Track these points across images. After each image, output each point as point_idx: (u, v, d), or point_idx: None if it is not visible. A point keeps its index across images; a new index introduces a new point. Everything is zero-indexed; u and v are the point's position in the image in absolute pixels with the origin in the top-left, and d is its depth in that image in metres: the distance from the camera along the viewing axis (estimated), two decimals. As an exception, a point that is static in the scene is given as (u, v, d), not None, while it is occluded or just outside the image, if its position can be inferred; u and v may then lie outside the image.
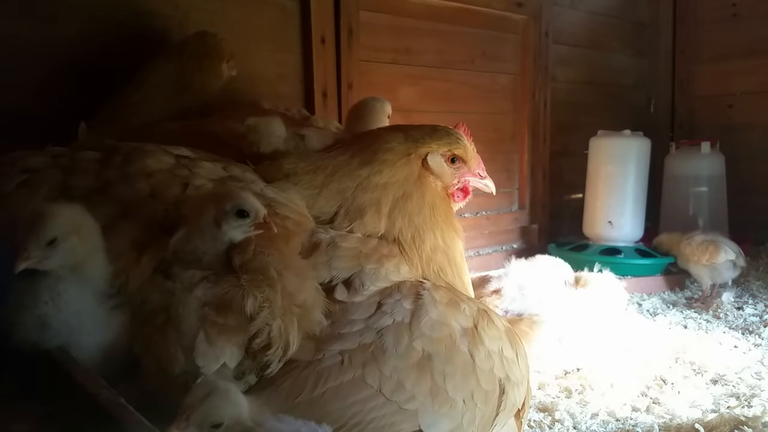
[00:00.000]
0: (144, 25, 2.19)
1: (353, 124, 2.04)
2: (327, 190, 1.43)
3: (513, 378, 1.32)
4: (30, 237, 1.03)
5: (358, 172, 1.45)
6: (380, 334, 1.20)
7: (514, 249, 3.64)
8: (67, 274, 1.07)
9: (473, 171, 1.57)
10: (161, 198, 1.27)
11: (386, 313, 1.24)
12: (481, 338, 1.29)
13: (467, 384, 1.23)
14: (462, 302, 1.34)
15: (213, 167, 1.39)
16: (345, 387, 1.13)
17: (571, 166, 3.91)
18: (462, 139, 1.54)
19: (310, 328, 1.17)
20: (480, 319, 1.33)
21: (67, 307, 1.06)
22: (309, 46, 2.63)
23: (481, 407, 1.25)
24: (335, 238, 1.34)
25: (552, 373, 2.08)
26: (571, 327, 2.11)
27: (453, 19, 3.24)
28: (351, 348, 1.18)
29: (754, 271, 3.39)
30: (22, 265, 1.01)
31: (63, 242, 1.05)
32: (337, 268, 1.30)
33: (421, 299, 1.28)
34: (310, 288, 1.19)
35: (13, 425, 0.96)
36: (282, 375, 1.11)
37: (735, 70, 4.21)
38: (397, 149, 1.48)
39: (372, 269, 1.32)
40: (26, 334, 1.03)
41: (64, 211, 1.08)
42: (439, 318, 1.26)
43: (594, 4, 4.09)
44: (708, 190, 3.74)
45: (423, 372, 1.19)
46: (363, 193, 1.43)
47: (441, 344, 1.23)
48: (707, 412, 1.81)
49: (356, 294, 1.27)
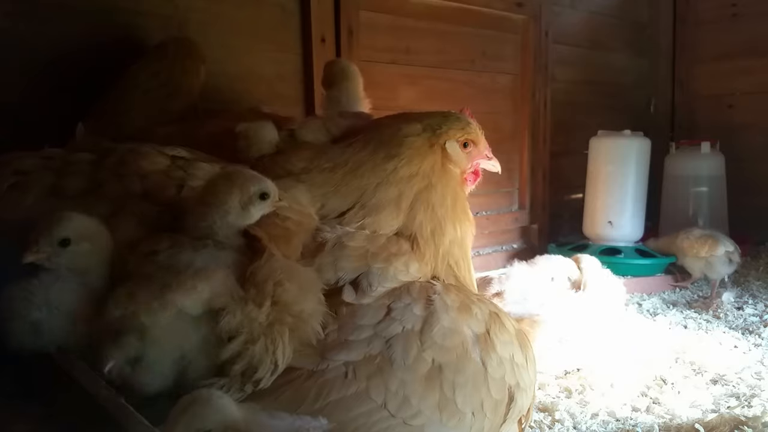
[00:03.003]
0: (143, 25, 2.19)
1: (334, 90, 2.01)
2: (346, 187, 1.40)
3: (522, 384, 1.29)
4: (44, 233, 1.06)
5: (384, 167, 1.41)
6: (389, 344, 1.16)
7: (514, 249, 3.63)
8: (69, 277, 1.09)
9: (482, 153, 1.57)
10: (155, 199, 1.27)
11: (396, 320, 1.20)
12: (494, 344, 1.25)
13: (478, 394, 1.20)
14: (474, 305, 1.30)
15: (210, 168, 1.37)
16: (347, 400, 1.09)
17: (571, 166, 3.91)
18: (472, 122, 1.54)
19: (306, 338, 1.13)
20: (492, 324, 1.29)
21: (61, 311, 1.06)
22: (309, 46, 2.62)
23: (490, 417, 1.21)
24: (341, 237, 1.31)
25: (552, 373, 2.08)
26: (571, 327, 2.11)
27: (453, 19, 3.24)
28: (357, 359, 1.13)
29: (754, 271, 3.38)
30: (30, 258, 1.05)
31: (74, 245, 1.09)
32: (344, 269, 1.27)
33: (432, 305, 1.24)
34: (311, 299, 1.16)
35: (13, 425, 0.96)
36: (282, 384, 1.08)
37: (735, 70, 4.21)
38: (419, 140, 1.45)
39: (380, 269, 1.29)
40: (21, 340, 1.04)
41: (82, 217, 1.13)
42: (451, 325, 1.22)
43: (594, 4, 4.08)
44: (708, 190, 3.74)
45: (431, 385, 1.15)
46: (386, 188, 1.40)
47: (452, 353, 1.19)
48: (707, 412, 1.81)
49: (364, 295, 1.24)
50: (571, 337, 2.09)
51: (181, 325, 1.03)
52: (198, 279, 1.04)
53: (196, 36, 2.19)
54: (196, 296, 1.03)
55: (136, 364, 1.00)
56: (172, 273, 1.07)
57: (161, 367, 1.01)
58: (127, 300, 1.02)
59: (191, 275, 1.05)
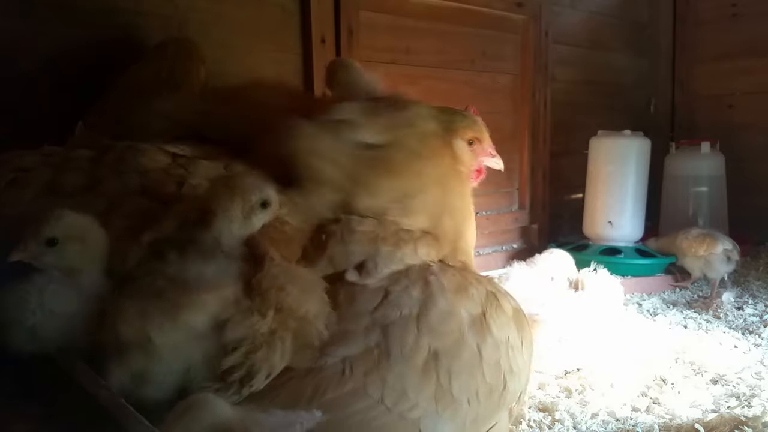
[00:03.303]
0: (143, 25, 2.19)
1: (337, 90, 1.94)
2: (377, 188, 1.36)
3: (515, 369, 1.30)
4: (32, 232, 1.05)
5: (411, 166, 1.40)
6: (386, 333, 1.16)
7: (514, 249, 3.63)
8: (62, 278, 1.08)
9: (486, 150, 1.57)
10: (155, 196, 1.27)
11: (393, 304, 1.20)
12: (489, 327, 1.25)
13: (473, 381, 1.20)
14: (471, 285, 1.30)
15: (212, 165, 1.37)
16: (344, 398, 1.09)
17: (571, 166, 3.90)
18: (478, 120, 1.55)
19: (309, 340, 1.12)
20: (489, 305, 1.29)
21: (57, 312, 1.05)
22: (309, 47, 2.62)
23: (484, 403, 1.22)
24: (350, 223, 1.30)
25: (552, 373, 2.08)
26: (571, 327, 2.11)
27: (453, 19, 3.24)
28: (354, 353, 1.13)
29: (754, 271, 3.38)
30: (17, 257, 1.03)
31: (62, 244, 1.07)
32: (354, 253, 1.27)
33: (429, 287, 1.24)
34: (314, 299, 1.15)
35: (13, 425, 0.96)
36: (278, 385, 1.07)
37: (735, 70, 4.21)
38: (437, 138, 1.44)
39: (388, 251, 1.28)
40: (20, 346, 1.04)
41: (73, 216, 1.10)
42: (448, 308, 1.22)
43: (594, 4, 4.08)
44: (708, 190, 3.74)
45: (428, 375, 1.15)
46: (414, 191, 1.38)
47: (449, 338, 1.20)
48: (707, 412, 1.81)
49: (369, 276, 1.24)
50: (570, 337, 2.09)
51: (188, 340, 1.03)
52: (208, 294, 1.04)
53: (197, 36, 2.19)
54: (206, 312, 1.03)
55: (140, 378, 1.00)
56: (183, 289, 1.06)
57: (165, 381, 1.01)
58: (137, 318, 1.01)
59: (201, 291, 1.05)
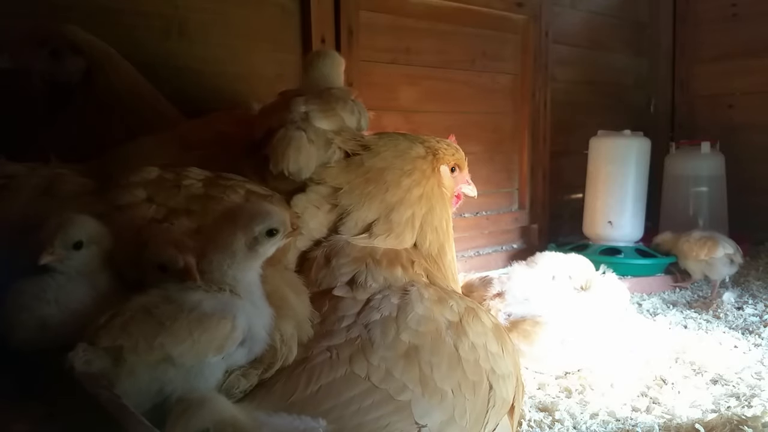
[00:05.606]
0: (143, 25, 2.19)
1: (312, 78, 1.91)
2: (370, 200, 1.48)
3: (499, 371, 1.35)
4: (57, 235, 1.09)
5: (401, 184, 1.51)
6: (368, 329, 1.24)
7: (514, 249, 3.63)
8: (80, 278, 1.11)
9: (464, 178, 1.69)
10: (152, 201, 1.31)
11: (374, 308, 1.28)
12: (465, 331, 1.33)
13: (454, 373, 1.26)
14: (451, 299, 1.39)
15: (200, 172, 1.41)
16: (338, 383, 1.14)
17: (571, 166, 3.91)
18: (459, 149, 1.66)
19: (303, 338, 1.20)
20: (466, 315, 1.37)
21: (71, 309, 1.07)
22: (309, 47, 2.62)
23: (471, 398, 1.27)
24: (343, 248, 1.39)
25: (552, 373, 2.08)
26: (573, 328, 2.11)
27: (453, 19, 3.24)
28: (338, 342, 1.20)
29: (754, 271, 3.38)
30: (45, 259, 1.07)
31: (86, 248, 1.12)
32: (343, 274, 1.35)
33: (408, 295, 1.33)
34: (304, 302, 1.23)
35: (13, 425, 0.96)
36: (273, 376, 1.12)
37: (735, 70, 4.21)
38: (425, 162, 1.56)
39: (375, 268, 1.38)
40: (25, 334, 1.05)
41: (91, 221, 1.15)
42: (425, 313, 1.30)
43: (594, 4, 4.08)
44: (708, 190, 3.74)
45: (410, 361, 1.22)
46: (404, 207, 1.49)
47: (427, 337, 1.27)
48: (707, 412, 1.81)
49: (359, 290, 1.32)
50: (573, 338, 2.09)
51: (162, 363, 0.99)
52: (194, 328, 1.00)
53: (197, 36, 2.19)
54: (189, 347, 0.99)
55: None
56: (173, 312, 1.01)
57: (134, 398, 0.96)
58: (119, 332, 0.98)
59: (192, 321, 1.01)
